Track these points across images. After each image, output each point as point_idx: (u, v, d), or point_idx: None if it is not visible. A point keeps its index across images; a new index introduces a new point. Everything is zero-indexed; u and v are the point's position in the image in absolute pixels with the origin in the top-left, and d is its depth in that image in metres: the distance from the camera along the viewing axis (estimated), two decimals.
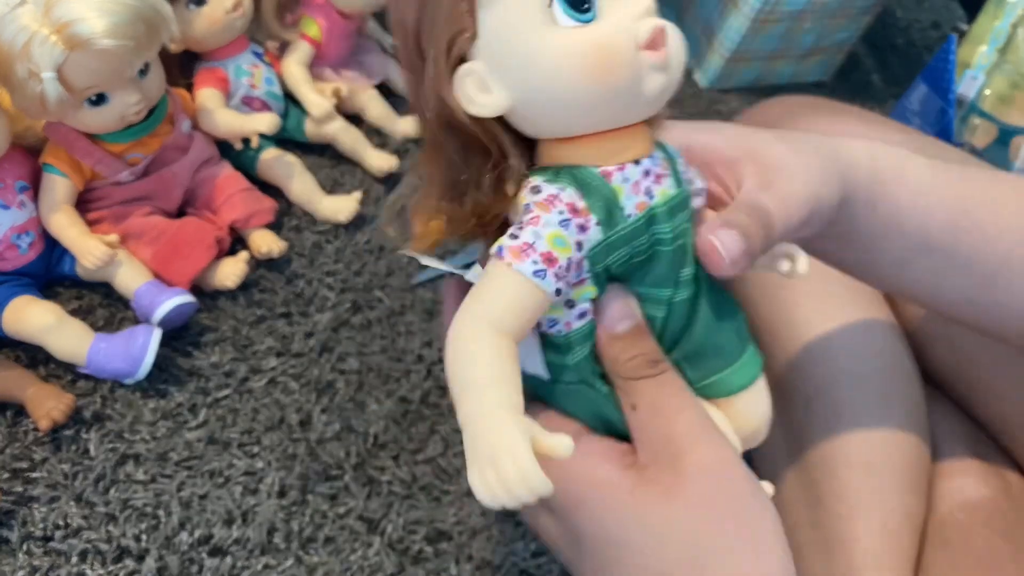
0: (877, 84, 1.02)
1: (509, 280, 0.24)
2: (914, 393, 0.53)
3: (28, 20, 0.48)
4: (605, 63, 0.23)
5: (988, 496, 0.50)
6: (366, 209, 0.70)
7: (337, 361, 0.60)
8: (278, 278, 0.64)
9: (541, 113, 0.25)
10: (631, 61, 0.24)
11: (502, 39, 0.24)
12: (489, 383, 0.24)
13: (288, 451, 0.55)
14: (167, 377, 0.57)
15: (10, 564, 0.48)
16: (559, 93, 0.24)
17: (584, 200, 0.25)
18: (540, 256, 0.24)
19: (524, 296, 0.24)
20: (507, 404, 0.23)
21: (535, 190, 0.25)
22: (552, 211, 0.25)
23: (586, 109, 0.24)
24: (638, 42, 0.24)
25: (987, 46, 0.74)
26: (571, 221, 0.25)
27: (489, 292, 0.25)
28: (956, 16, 1.16)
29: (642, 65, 0.24)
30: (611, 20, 0.24)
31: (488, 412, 0.23)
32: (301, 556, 0.51)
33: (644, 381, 0.28)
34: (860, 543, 0.48)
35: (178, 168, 0.61)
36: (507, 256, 0.25)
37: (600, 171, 0.25)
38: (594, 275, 0.26)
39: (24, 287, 0.55)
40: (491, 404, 0.23)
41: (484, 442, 0.23)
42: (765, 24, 0.86)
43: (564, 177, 0.25)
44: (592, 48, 0.23)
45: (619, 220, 0.25)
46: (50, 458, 0.52)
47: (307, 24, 0.70)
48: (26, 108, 0.52)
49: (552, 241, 0.24)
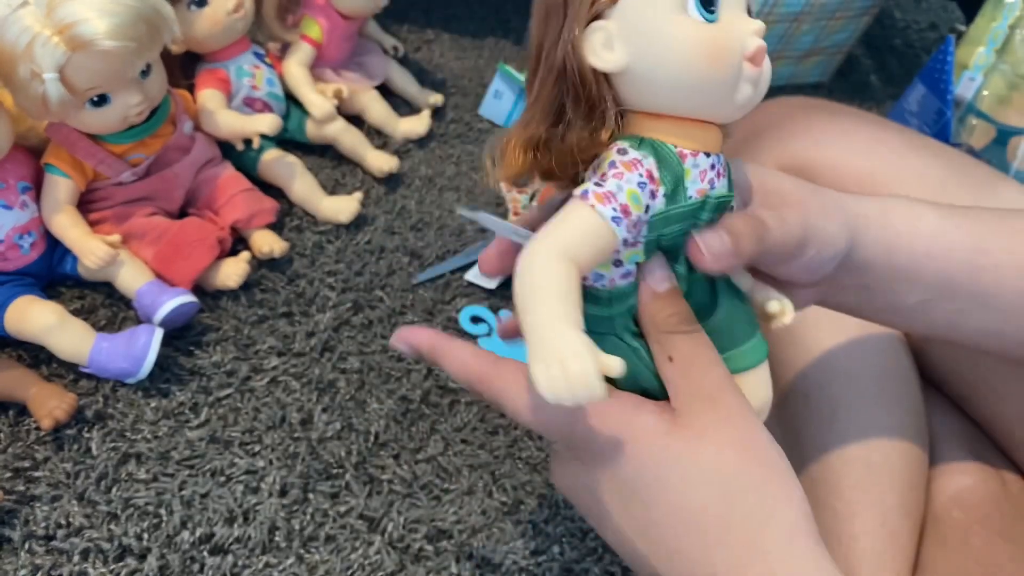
0: (875, 85, 1.02)
1: (590, 219, 0.28)
2: (913, 392, 0.53)
3: (30, 21, 0.48)
4: (718, 57, 0.27)
5: (986, 495, 0.51)
6: (367, 209, 0.70)
7: (338, 360, 0.60)
8: (279, 278, 0.64)
9: (649, 82, 0.28)
10: (737, 64, 0.28)
11: (638, 10, 0.27)
12: (561, 299, 0.27)
13: (289, 450, 0.55)
14: (169, 376, 0.57)
15: (12, 563, 0.48)
16: (672, 69, 0.27)
17: (659, 171, 0.28)
18: (619, 205, 0.27)
19: (600, 236, 0.28)
20: (575, 320, 0.27)
21: (622, 152, 0.29)
22: (634, 172, 0.28)
23: (688, 91, 0.28)
24: (745, 52, 0.28)
25: (985, 47, 0.74)
26: (647, 185, 0.28)
27: (569, 227, 0.28)
28: (954, 17, 1.17)
29: (742, 72, 0.28)
30: (730, 27, 0.28)
31: (559, 321, 0.26)
32: (302, 555, 0.51)
33: (680, 336, 0.31)
34: (858, 541, 0.48)
35: (180, 169, 0.61)
36: (591, 199, 0.28)
37: (678, 150, 0.29)
38: (647, 241, 0.29)
39: (26, 287, 0.55)
40: (562, 316, 0.26)
41: (553, 345, 0.26)
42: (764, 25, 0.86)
43: (647, 147, 0.28)
44: (710, 41, 0.27)
45: (681, 198, 0.29)
46: (52, 457, 0.52)
47: (308, 25, 0.70)
48: (28, 109, 0.52)
49: (631, 196, 0.28)
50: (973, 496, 0.51)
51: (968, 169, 0.55)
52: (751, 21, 0.28)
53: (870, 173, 0.55)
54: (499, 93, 0.81)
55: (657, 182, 0.28)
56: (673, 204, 0.29)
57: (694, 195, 0.29)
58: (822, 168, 0.57)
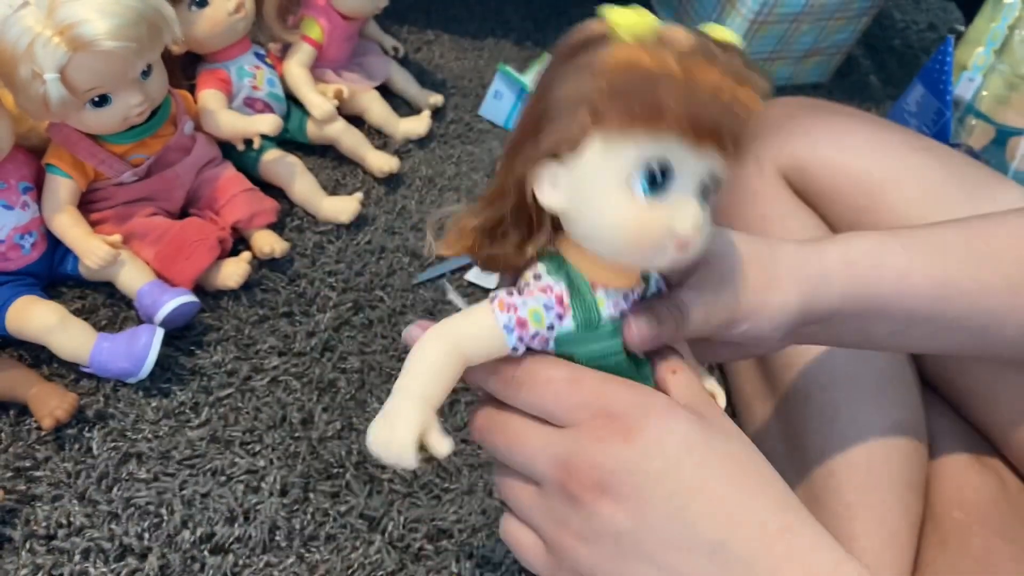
0: (875, 85, 1.02)
1: (486, 320, 0.30)
2: (912, 393, 0.53)
3: (32, 22, 0.48)
4: (642, 240, 0.28)
5: (985, 495, 0.51)
6: (367, 209, 0.70)
7: (339, 360, 0.60)
8: (280, 278, 0.64)
9: (579, 230, 0.29)
10: (662, 248, 0.28)
11: (588, 170, 0.28)
12: (430, 378, 0.30)
13: (290, 449, 0.55)
14: (170, 376, 0.57)
15: (13, 562, 0.48)
16: (596, 231, 0.29)
17: (569, 299, 0.31)
18: (516, 318, 0.30)
19: (491, 338, 0.30)
20: (430, 399, 0.30)
21: (537, 277, 0.31)
22: (544, 296, 0.31)
23: (609, 251, 0.29)
24: (673, 233, 0.28)
25: (984, 48, 0.74)
26: (553, 308, 0.31)
27: (466, 321, 0.30)
28: (953, 18, 1.17)
29: (666, 249, 0.28)
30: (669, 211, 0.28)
31: (415, 395, 0.29)
32: (303, 554, 0.51)
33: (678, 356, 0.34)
34: (858, 541, 0.49)
35: (181, 169, 0.61)
36: (495, 303, 0.30)
37: (591, 283, 0.31)
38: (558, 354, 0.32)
39: (27, 287, 0.55)
40: (419, 392, 0.29)
41: (394, 408, 0.29)
42: (763, 26, 0.86)
43: (562, 274, 0.31)
44: (639, 224, 0.28)
45: (593, 324, 0.31)
46: (53, 457, 0.52)
47: (309, 26, 0.71)
48: (29, 109, 0.52)
49: (532, 314, 0.30)
50: (973, 496, 0.51)
51: (967, 170, 0.55)
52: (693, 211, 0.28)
53: (869, 173, 0.55)
54: (499, 94, 0.82)
55: (566, 308, 0.31)
56: (587, 331, 0.31)
57: (607, 321, 0.31)
58: (821, 169, 0.57)
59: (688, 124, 0.26)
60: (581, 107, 0.27)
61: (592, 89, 0.27)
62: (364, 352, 0.61)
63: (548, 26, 0.95)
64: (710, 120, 0.26)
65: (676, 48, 0.26)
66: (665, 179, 0.27)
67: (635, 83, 0.26)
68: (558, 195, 0.29)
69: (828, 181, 0.57)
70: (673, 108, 0.26)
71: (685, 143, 0.27)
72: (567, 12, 0.98)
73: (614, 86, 0.26)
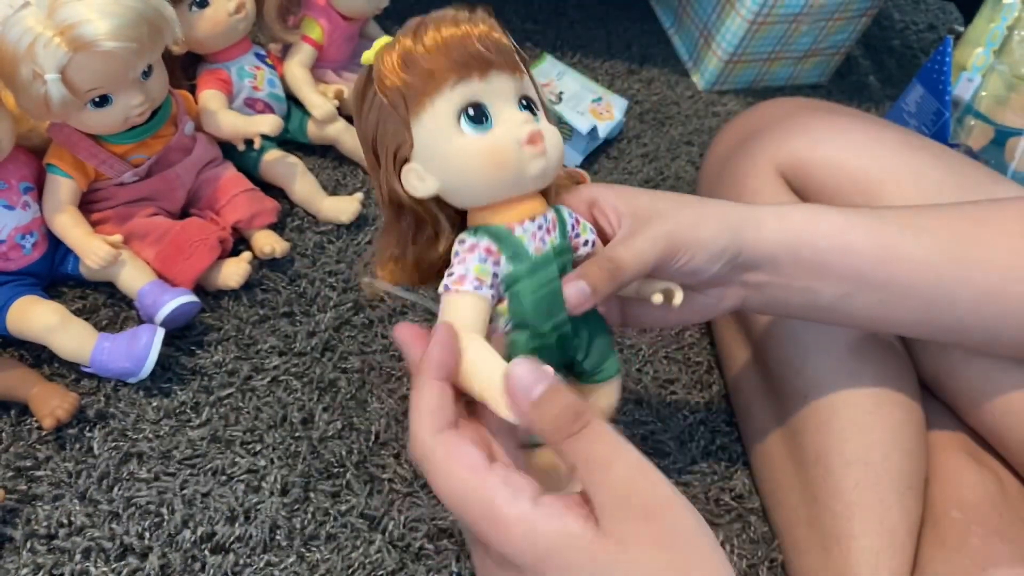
0: (874, 86, 1.02)
1: (461, 301, 0.34)
2: (911, 392, 0.54)
3: (32, 22, 0.48)
4: (497, 160, 0.33)
5: (984, 496, 0.51)
6: (368, 210, 0.70)
7: (339, 360, 0.61)
8: (281, 278, 0.64)
9: (460, 192, 0.35)
10: (516, 156, 0.33)
11: (428, 145, 0.34)
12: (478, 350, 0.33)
13: (290, 449, 0.55)
14: (170, 376, 0.57)
15: (14, 562, 0.48)
16: (468, 180, 0.34)
17: (496, 245, 0.35)
18: (474, 278, 0.34)
19: (476, 306, 0.34)
20: None
21: (461, 242, 0.35)
22: (474, 253, 0.35)
23: (489, 188, 0.34)
24: (520, 140, 0.33)
25: (983, 48, 0.74)
26: (488, 258, 0.34)
27: (455, 314, 0.34)
28: (952, 18, 1.17)
29: (525, 156, 0.34)
30: (501, 129, 0.34)
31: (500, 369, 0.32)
32: (303, 553, 0.51)
33: (574, 439, 0.29)
34: (858, 541, 0.49)
35: (181, 169, 0.61)
36: (452, 287, 0.34)
37: (506, 226, 0.35)
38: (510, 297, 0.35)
39: (28, 287, 0.56)
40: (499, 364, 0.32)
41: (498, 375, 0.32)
42: (763, 26, 0.86)
43: (481, 232, 0.35)
44: (487, 151, 0.33)
45: (525, 257, 0.35)
46: (54, 456, 0.52)
47: (309, 26, 0.71)
48: (30, 109, 0.52)
49: (478, 270, 0.34)
50: (971, 497, 0.51)
51: (966, 170, 0.55)
52: (519, 115, 0.34)
53: (867, 172, 0.55)
54: None
55: (497, 252, 0.35)
56: (520, 263, 0.35)
57: (535, 253, 0.35)
58: (819, 168, 0.57)
59: (454, 66, 0.32)
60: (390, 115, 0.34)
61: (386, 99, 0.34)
62: (364, 352, 0.62)
63: (548, 26, 0.95)
64: (467, 54, 0.33)
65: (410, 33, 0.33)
66: (483, 112, 0.33)
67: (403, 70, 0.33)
68: (427, 182, 0.34)
69: (827, 179, 0.57)
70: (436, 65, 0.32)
71: (470, 79, 0.33)
72: (567, 12, 0.99)
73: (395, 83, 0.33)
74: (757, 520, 0.58)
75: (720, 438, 0.63)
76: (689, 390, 0.65)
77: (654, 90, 0.92)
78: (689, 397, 0.65)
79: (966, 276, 0.43)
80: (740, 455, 0.62)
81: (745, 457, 0.62)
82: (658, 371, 0.66)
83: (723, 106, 0.92)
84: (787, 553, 0.55)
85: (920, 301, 0.44)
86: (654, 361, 0.66)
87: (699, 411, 0.64)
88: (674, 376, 0.66)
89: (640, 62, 0.95)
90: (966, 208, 0.46)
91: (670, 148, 0.85)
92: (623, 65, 0.94)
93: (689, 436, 0.62)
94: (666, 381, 0.65)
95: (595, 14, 1.00)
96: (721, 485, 0.60)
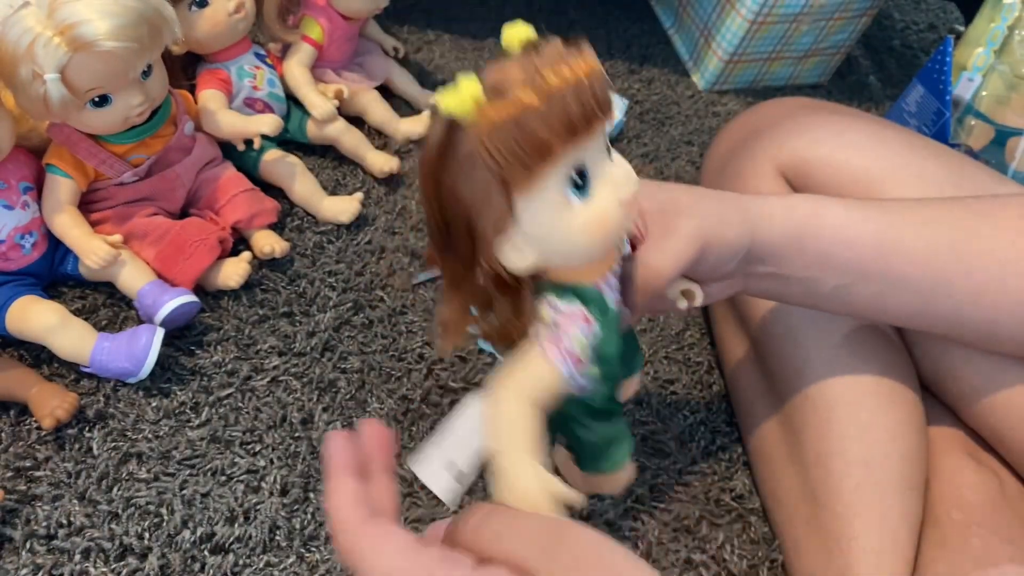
0: (874, 86, 1.02)
1: (544, 367, 0.32)
2: (911, 393, 0.53)
3: (32, 22, 0.48)
4: (602, 229, 0.31)
5: (985, 497, 0.51)
6: (367, 209, 0.70)
7: (339, 360, 0.61)
8: (280, 278, 0.64)
9: (555, 259, 0.32)
10: (619, 218, 0.31)
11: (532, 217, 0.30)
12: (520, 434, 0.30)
13: (290, 449, 0.55)
14: (170, 376, 0.57)
15: (14, 562, 0.48)
16: (571, 250, 0.32)
17: (587, 309, 0.33)
18: (570, 356, 0.33)
19: (549, 377, 0.32)
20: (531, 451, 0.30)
21: (555, 308, 0.33)
22: (574, 324, 0.33)
23: (589, 254, 0.32)
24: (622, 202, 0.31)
25: (983, 48, 0.74)
26: (586, 328, 0.33)
27: (526, 373, 0.32)
28: (953, 18, 1.17)
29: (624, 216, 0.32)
30: (603, 192, 0.31)
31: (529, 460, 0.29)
32: (303, 554, 0.51)
33: None
34: (858, 541, 0.49)
35: (181, 169, 0.61)
36: (546, 349, 0.32)
37: (595, 286, 0.34)
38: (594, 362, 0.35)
39: (28, 287, 0.56)
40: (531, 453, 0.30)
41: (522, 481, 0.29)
42: (763, 26, 0.86)
43: (570, 295, 0.33)
44: (592, 220, 0.31)
45: (609, 313, 0.34)
46: (53, 457, 0.52)
47: (309, 26, 0.71)
48: (30, 109, 0.52)
49: (578, 345, 0.33)
50: (972, 497, 0.51)
51: (966, 170, 0.55)
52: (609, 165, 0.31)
53: (868, 171, 0.55)
54: None
55: (590, 320, 0.33)
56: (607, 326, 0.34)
57: (614, 305, 0.35)
58: (820, 168, 0.57)
59: (568, 131, 0.28)
60: (491, 189, 0.29)
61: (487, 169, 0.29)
62: (364, 352, 0.61)
63: (548, 26, 0.95)
64: (579, 113, 0.28)
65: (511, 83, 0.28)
66: (585, 175, 0.30)
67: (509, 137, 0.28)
68: (526, 255, 0.31)
69: (828, 179, 0.57)
70: (549, 132, 0.28)
71: (577, 143, 0.29)
72: (567, 12, 0.99)
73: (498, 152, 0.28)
74: (757, 520, 0.58)
75: (720, 438, 0.62)
76: (689, 390, 0.65)
77: (654, 90, 0.92)
78: (689, 397, 0.65)
79: (965, 268, 0.44)
80: (740, 455, 0.62)
81: (745, 457, 0.62)
82: (658, 371, 0.66)
83: (723, 106, 0.92)
84: (787, 553, 0.55)
85: (919, 292, 0.44)
86: (654, 361, 0.66)
87: (699, 411, 0.64)
88: (674, 376, 0.66)
89: (640, 62, 0.95)
90: (967, 202, 0.46)
91: (670, 148, 0.85)
92: (623, 65, 0.94)
93: (689, 436, 0.62)
94: (666, 381, 0.65)
95: (595, 14, 1.00)
96: (721, 485, 0.60)
